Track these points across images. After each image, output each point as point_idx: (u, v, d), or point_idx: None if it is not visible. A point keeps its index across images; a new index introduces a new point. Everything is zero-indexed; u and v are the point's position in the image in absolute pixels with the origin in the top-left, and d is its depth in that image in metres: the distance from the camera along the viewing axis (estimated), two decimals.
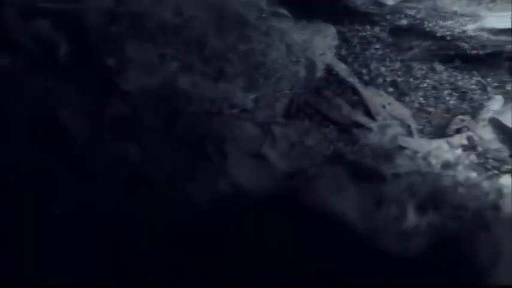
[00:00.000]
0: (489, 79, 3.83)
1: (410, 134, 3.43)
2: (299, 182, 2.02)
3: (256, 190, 1.90)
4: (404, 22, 3.60)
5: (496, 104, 3.85)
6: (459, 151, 2.63)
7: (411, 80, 3.69)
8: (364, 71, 3.57)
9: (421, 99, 3.71)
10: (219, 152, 2.03)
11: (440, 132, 3.69)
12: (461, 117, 3.80)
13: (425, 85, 3.73)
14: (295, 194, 1.84)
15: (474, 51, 3.82)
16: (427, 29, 3.64)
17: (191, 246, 1.77)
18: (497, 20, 3.64)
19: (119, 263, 1.86)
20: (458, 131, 3.72)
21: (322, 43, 3.44)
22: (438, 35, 3.70)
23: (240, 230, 1.70)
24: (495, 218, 2.09)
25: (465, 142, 3.45)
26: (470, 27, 3.68)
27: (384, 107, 3.45)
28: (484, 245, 1.90)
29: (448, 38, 3.70)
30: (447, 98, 3.80)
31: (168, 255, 1.79)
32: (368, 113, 3.32)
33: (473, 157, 2.52)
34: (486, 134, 3.60)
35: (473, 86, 3.84)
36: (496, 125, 3.56)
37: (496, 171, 3.51)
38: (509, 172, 3.56)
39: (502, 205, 2.31)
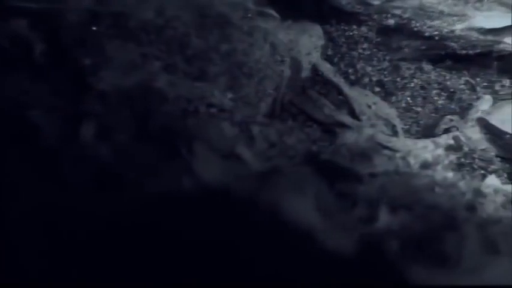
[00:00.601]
0: (478, 79, 3.81)
1: (395, 133, 3.41)
2: (266, 183, 2.01)
3: (221, 189, 1.90)
4: (391, 22, 3.59)
5: (485, 104, 3.84)
6: (439, 151, 2.62)
7: (398, 79, 3.68)
8: (350, 70, 3.56)
9: (408, 99, 3.69)
10: (189, 151, 2.03)
11: (429, 132, 3.67)
12: (450, 117, 3.78)
13: (412, 85, 3.71)
14: (256, 194, 1.84)
15: (464, 51, 3.80)
16: (415, 29, 3.62)
17: (153, 244, 1.77)
18: (485, 19, 3.63)
19: (81, 262, 1.87)
20: (446, 131, 3.70)
21: (308, 43, 3.44)
22: (426, 34, 3.69)
23: (200, 229, 1.70)
24: (467, 219, 2.08)
25: (451, 142, 3.43)
26: (458, 27, 3.67)
27: (369, 106, 3.44)
28: (450, 246, 1.89)
29: (437, 37, 3.68)
30: (435, 98, 3.78)
31: (132, 254, 1.80)
32: (352, 113, 3.31)
33: (452, 157, 2.51)
34: (474, 134, 3.59)
35: (462, 86, 3.82)
36: (484, 125, 3.54)
37: (482, 171, 3.50)
38: (495, 172, 3.55)
39: (479, 205, 2.30)
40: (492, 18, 3.60)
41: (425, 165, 2.43)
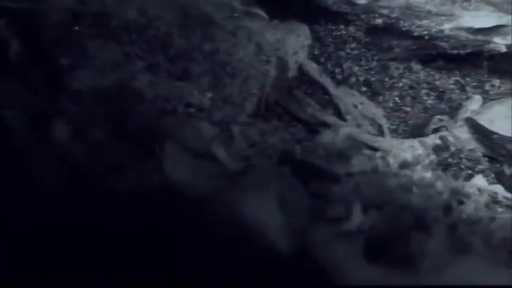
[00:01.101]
0: (468, 79, 3.80)
1: (381, 133, 3.41)
2: (231, 182, 2.01)
3: (184, 188, 1.91)
4: (379, 21, 3.59)
5: (474, 103, 3.83)
6: (420, 151, 2.61)
7: (386, 79, 3.67)
8: (337, 70, 3.56)
9: (396, 98, 3.69)
10: (162, 151, 2.03)
11: (417, 132, 3.67)
12: (439, 117, 3.78)
13: (401, 84, 3.70)
14: (216, 194, 1.84)
15: (455, 51, 3.79)
16: (403, 29, 3.61)
17: (118, 243, 1.77)
18: (473, 19, 3.62)
19: (48, 261, 1.87)
20: (436, 130, 3.69)
21: (295, 43, 3.44)
22: (416, 34, 3.68)
23: (153, 227, 1.70)
24: (440, 219, 2.08)
25: (439, 142, 3.43)
26: (447, 27, 3.66)
27: (355, 106, 3.44)
28: (414, 246, 1.89)
29: (427, 37, 3.67)
30: (424, 98, 3.77)
31: (99, 252, 1.80)
32: (338, 113, 3.31)
33: (433, 157, 2.51)
34: (462, 134, 3.58)
35: (452, 86, 3.81)
36: (471, 124, 3.54)
37: (469, 171, 3.49)
38: (482, 172, 3.54)
39: (457, 205, 2.30)
40: (480, 18, 3.59)
41: (404, 165, 2.42)
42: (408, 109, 3.68)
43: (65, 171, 2.07)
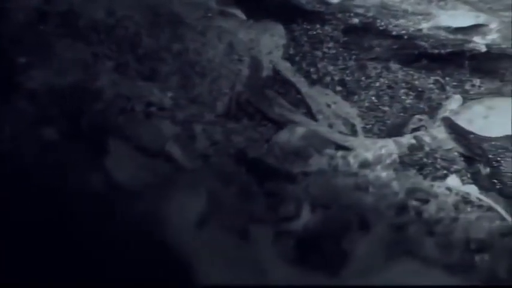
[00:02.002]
0: (448, 78, 3.79)
1: (354, 133, 3.41)
2: (164, 181, 2.02)
3: (127, 188, 1.92)
4: (356, 21, 3.58)
5: (454, 103, 3.82)
6: (383, 151, 2.61)
7: (363, 79, 3.66)
8: (312, 69, 3.55)
9: (373, 98, 3.68)
10: (111, 150, 2.05)
11: (396, 131, 3.66)
12: (418, 116, 3.77)
13: (378, 84, 3.69)
14: (146, 193, 1.84)
15: (436, 51, 3.78)
16: (381, 28, 3.60)
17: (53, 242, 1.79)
18: (450, 18, 3.61)
19: None
20: (415, 130, 3.69)
21: (269, 42, 3.44)
22: (394, 33, 3.66)
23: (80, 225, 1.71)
24: (393, 219, 2.08)
25: (413, 141, 3.42)
26: (425, 26, 3.65)
27: (328, 106, 3.44)
28: (346, 246, 1.89)
29: (406, 36, 3.66)
30: (403, 98, 3.76)
31: (34, 252, 1.82)
32: (309, 112, 3.31)
33: (394, 156, 2.51)
34: (440, 134, 3.57)
35: (431, 85, 3.80)
36: (448, 124, 3.53)
37: (445, 171, 3.48)
38: (458, 172, 3.53)
39: (414, 205, 2.30)
40: (457, 17, 3.58)
41: (364, 165, 2.42)
42: (386, 108, 3.67)
43: (11, 170, 2.07)
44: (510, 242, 2.56)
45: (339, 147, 3.08)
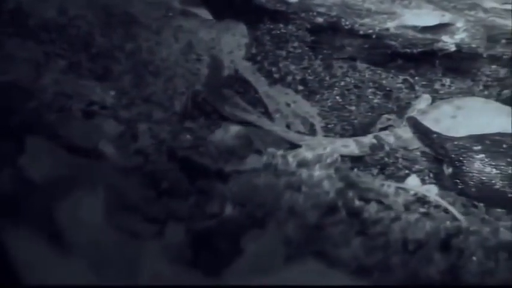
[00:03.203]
0: (417, 78, 3.77)
1: (313, 132, 3.40)
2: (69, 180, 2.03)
3: (40, 186, 1.94)
4: (320, 20, 3.56)
5: (423, 103, 3.80)
6: (328, 150, 2.61)
7: (327, 78, 3.65)
8: (274, 69, 3.55)
9: (337, 97, 3.66)
10: (35, 148, 2.06)
11: (363, 131, 3.65)
12: (387, 116, 3.75)
13: (343, 83, 3.68)
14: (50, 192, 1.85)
15: (408, 50, 3.77)
16: (346, 27, 3.59)
17: None
18: (416, 17, 3.58)
19: None
20: (383, 130, 3.68)
21: (231, 41, 3.44)
22: (361, 32, 3.65)
23: None
24: (289, 218, 2.07)
25: (374, 141, 3.41)
26: (391, 25, 3.63)
27: (288, 105, 3.43)
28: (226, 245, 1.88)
29: (374, 36, 3.65)
30: (370, 97, 3.74)
31: None
32: (266, 111, 3.31)
33: (335, 155, 2.50)
34: (405, 133, 3.56)
35: (400, 85, 3.78)
36: (412, 123, 3.51)
37: (406, 171, 3.47)
38: (421, 172, 3.51)
39: (345, 205, 2.29)
40: (422, 16, 3.55)
41: (302, 164, 2.42)
42: (353, 108, 3.65)
43: None
44: (454, 243, 2.52)
45: (294, 146, 3.08)
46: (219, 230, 1.85)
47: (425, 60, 3.85)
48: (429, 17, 3.55)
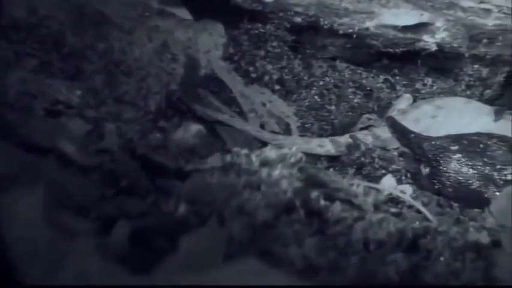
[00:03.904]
0: (398, 77, 3.76)
1: (288, 132, 3.39)
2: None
3: None
4: (298, 19, 3.55)
5: (403, 102, 3.78)
6: (294, 149, 2.60)
7: (305, 78, 3.63)
8: (251, 69, 3.54)
9: (316, 97, 3.65)
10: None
11: (343, 131, 3.64)
12: (368, 115, 3.74)
13: (322, 83, 3.67)
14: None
15: (390, 50, 3.75)
16: (325, 27, 3.58)
17: None
18: (395, 17, 3.57)
19: None
20: (363, 129, 3.66)
21: (207, 41, 3.44)
22: (341, 32, 3.63)
23: None
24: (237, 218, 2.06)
25: (350, 141, 3.40)
26: (370, 25, 3.62)
27: (264, 104, 3.42)
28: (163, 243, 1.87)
29: (355, 35, 3.63)
30: (351, 97, 3.73)
31: None
32: (240, 111, 3.30)
33: (300, 155, 2.49)
34: (384, 133, 3.54)
35: (381, 84, 3.76)
36: (390, 123, 3.50)
37: (383, 171, 3.45)
38: (397, 171, 3.50)
39: (301, 204, 2.28)
40: (401, 16, 3.53)
41: (265, 163, 2.41)
42: (332, 108, 3.63)
43: None
44: (421, 243, 2.50)
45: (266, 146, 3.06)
46: (158, 228, 1.83)
47: (408, 60, 3.82)
48: (408, 17, 3.53)
